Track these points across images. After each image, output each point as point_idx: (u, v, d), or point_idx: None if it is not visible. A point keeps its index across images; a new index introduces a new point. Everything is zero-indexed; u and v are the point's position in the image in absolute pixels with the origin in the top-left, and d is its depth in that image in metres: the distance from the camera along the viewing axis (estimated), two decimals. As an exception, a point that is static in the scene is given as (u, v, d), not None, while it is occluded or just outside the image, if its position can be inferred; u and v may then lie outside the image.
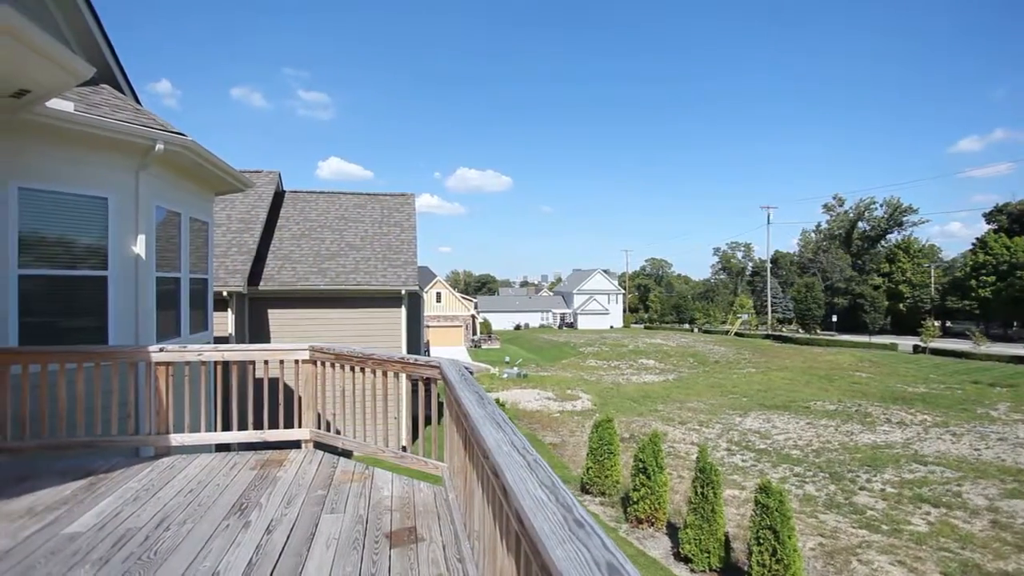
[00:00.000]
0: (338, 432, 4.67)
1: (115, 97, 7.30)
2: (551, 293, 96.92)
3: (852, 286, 66.83)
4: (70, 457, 4.44)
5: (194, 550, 2.98)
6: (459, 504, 3.18)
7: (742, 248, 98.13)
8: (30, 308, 5.50)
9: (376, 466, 4.33)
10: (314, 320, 14.13)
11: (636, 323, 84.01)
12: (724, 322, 68.99)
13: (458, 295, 56.54)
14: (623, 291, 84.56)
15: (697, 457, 9.55)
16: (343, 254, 15.36)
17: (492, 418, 2.21)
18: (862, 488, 12.85)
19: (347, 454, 4.82)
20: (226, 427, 4.75)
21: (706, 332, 63.19)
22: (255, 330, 13.48)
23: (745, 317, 66.50)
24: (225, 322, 12.60)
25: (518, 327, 76.92)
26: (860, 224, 76.42)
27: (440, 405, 4.57)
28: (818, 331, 58.32)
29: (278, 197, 17.00)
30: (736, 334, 58.04)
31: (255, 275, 13.65)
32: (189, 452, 4.69)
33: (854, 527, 10.73)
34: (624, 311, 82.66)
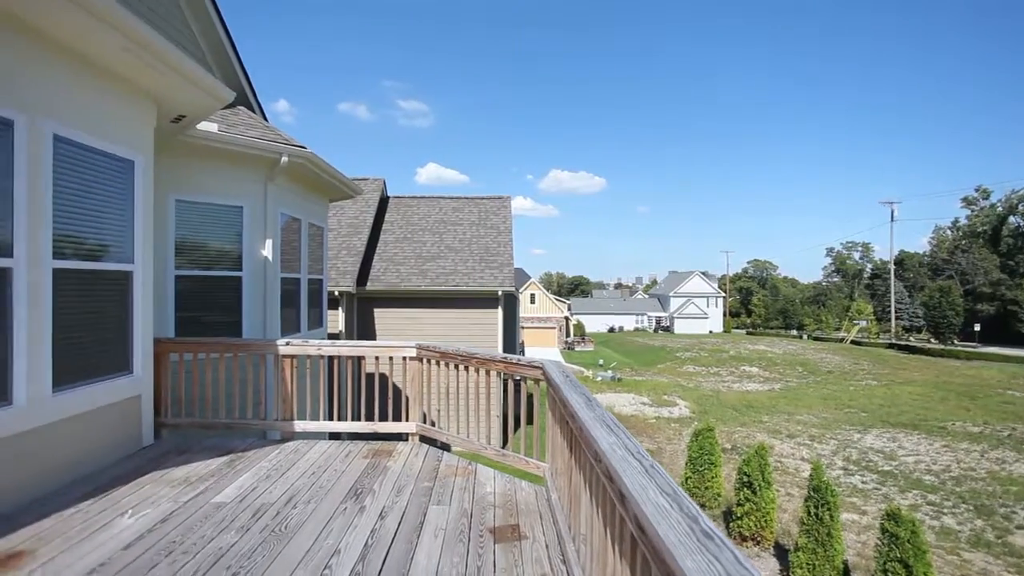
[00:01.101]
0: (438, 426, 4.86)
1: (249, 117, 8.14)
2: (646, 296, 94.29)
3: (1001, 291, 58.27)
4: (214, 436, 5.01)
5: (317, 528, 3.24)
6: (562, 505, 3.18)
7: (859, 248, 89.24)
8: (182, 304, 6.29)
9: (477, 462, 4.45)
10: (415, 319, 14.82)
11: (737, 328, 79.33)
12: (838, 329, 63.22)
13: (552, 297, 56.71)
14: (723, 294, 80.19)
15: (810, 474, 8.83)
16: (442, 256, 15.97)
17: (602, 420, 2.19)
18: (1020, 527, 11.15)
19: (446, 447, 5.00)
20: (337, 417, 5.10)
21: (817, 339, 58.25)
22: (362, 327, 14.41)
23: (863, 324, 60.41)
24: (336, 319, 13.59)
25: (611, 330, 75.63)
26: (1011, 219, 66.31)
27: (532, 406, 4.58)
28: (955, 341, 51.56)
29: (383, 202, 18.04)
30: (852, 342, 52.97)
31: (363, 276, 14.59)
32: (307, 438, 5.10)
33: (1010, 572, 9.33)
34: (724, 315, 78.39)
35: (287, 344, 4.85)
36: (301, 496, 3.70)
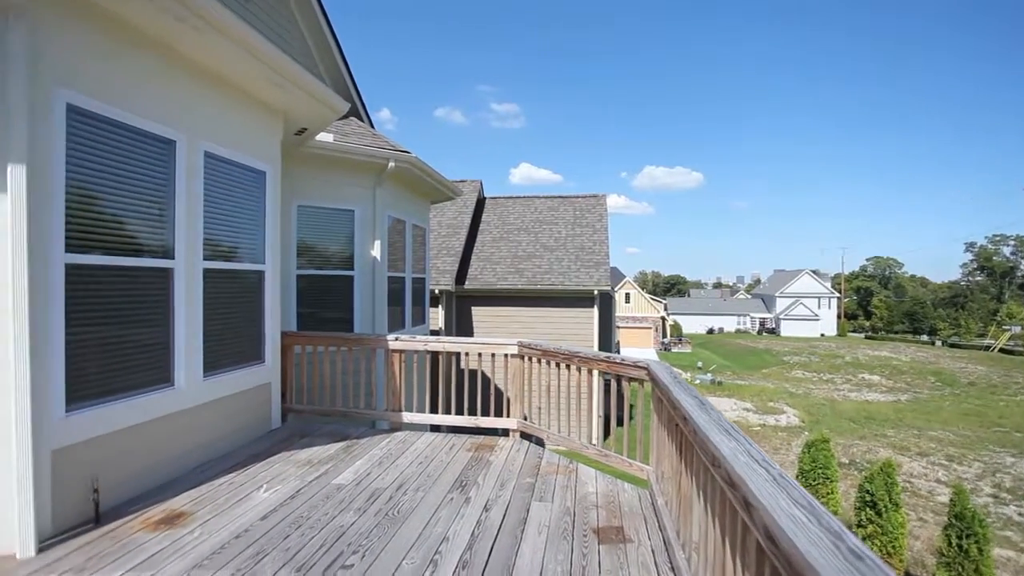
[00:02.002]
0: (538, 424, 4.90)
1: (359, 126, 8.71)
2: (748, 296, 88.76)
3: None
4: (331, 422, 5.43)
5: (427, 515, 3.40)
6: (670, 511, 3.09)
7: (1011, 242, 77.61)
8: (302, 301, 6.88)
9: (577, 460, 4.44)
10: (511, 317, 15.07)
11: (854, 331, 72.23)
12: (982, 335, 55.49)
13: (647, 296, 55.17)
14: (837, 294, 73.40)
15: (951, 499, 7.84)
16: (538, 255, 16.09)
17: (719, 424, 2.10)
18: None
19: (540, 442, 5.04)
20: (436, 410, 5.31)
21: (954, 346, 51.55)
22: (460, 325, 14.90)
23: (1016, 330, 52.52)
24: (436, 317, 14.16)
25: (711, 331, 72.06)
26: None
27: (631, 407, 4.47)
28: None
29: (480, 203, 18.51)
30: (1001, 351, 46.28)
31: (461, 275, 15.08)
32: (412, 429, 5.36)
33: None
34: (839, 317, 71.72)
35: (396, 339, 5.13)
36: (411, 484, 3.90)
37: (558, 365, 4.64)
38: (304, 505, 3.50)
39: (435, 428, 7.48)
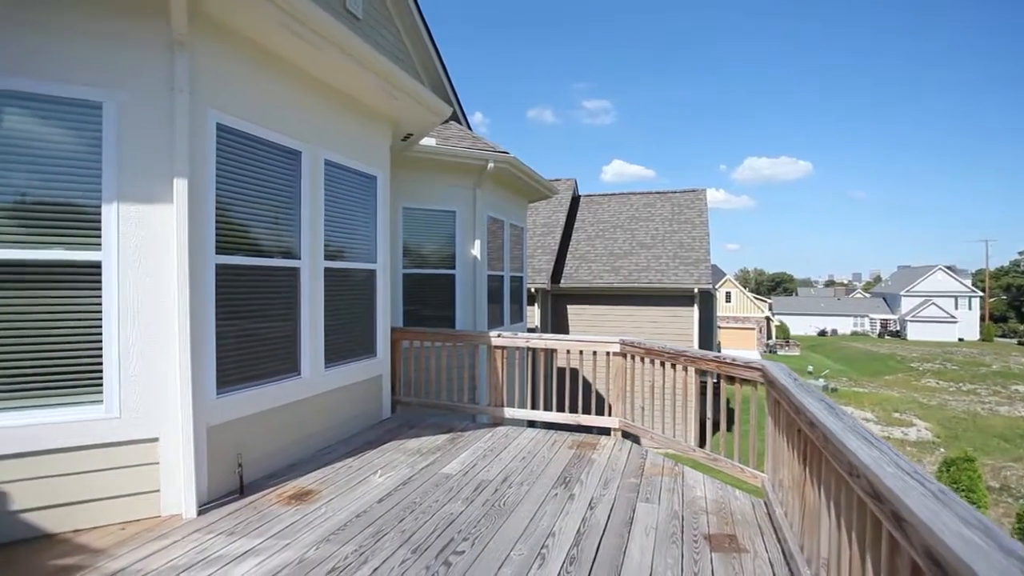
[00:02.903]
0: (640, 424, 4.79)
1: (459, 129, 8.99)
2: (867, 295, 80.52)
3: None
4: (436, 415, 5.67)
5: (532, 509, 3.44)
6: (790, 522, 2.89)
7: None
8: (407, 298, 7.24)
9: (682, 463, 4.28)
10: (607, 316, 14.86)
11: (1004, 336, 62.96)
12: None
13: (750, 295, 51.94)
14: (979, 293, 64.39)
15: None
16: (634, 253, 15.73)
17: (855, 431, 1.93)
18: None
19: (636, 440, 4.91)
20: (538, 406, 5.34)
21: None
22: (556, 323, 14.93)
23: None
24: (532, 315, 14.30)
25: (823, 333, 66.33)
26: None
27: (732, 411, 4.26)
28: None
29: (574, 202, 18.43)
30: None
31: (556, 274, 15.10)
32: (512, 424, 5.45)
33: None
34: (983, 319, 62.87)
35: (498, 336, 5.26)
36: (515, 477, 3.97)
37: (662, 364, 4.50)
38: (416, 491, 3.69)
39: (531, 424, 7.57)
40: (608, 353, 4.97)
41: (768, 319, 52.41)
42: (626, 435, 4.97)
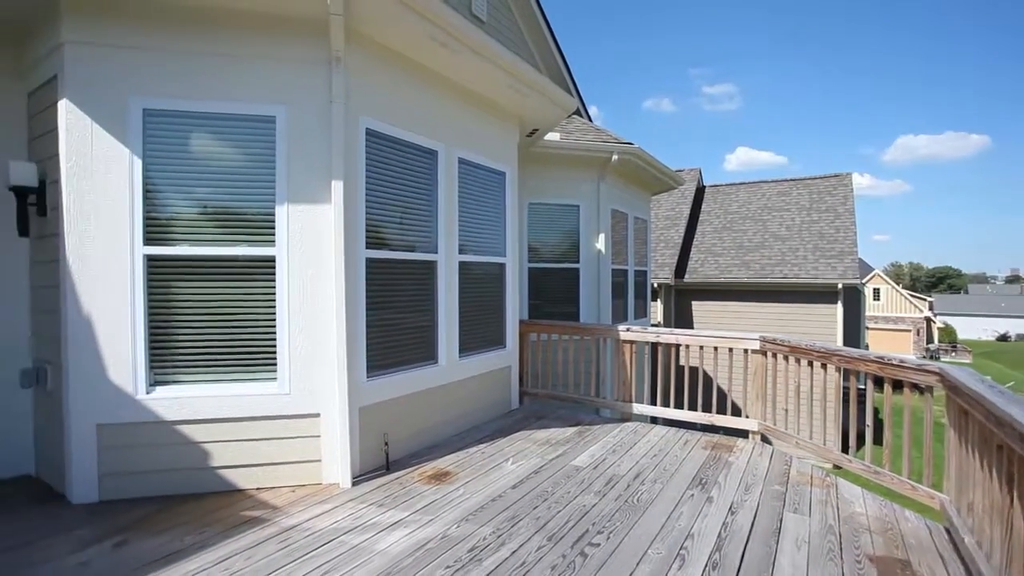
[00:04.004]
0: (784, 428, 4.41)
1: (582, 123, 8.93)
2: (1068, 293, 66.92)
3: None
4: (562, 407, 5.70)
5: (667, 508, 3.33)
6: (987, 555, 2.48)
7: None
8: (532, 292, 7.35)
9: (833, 474, 3.88)
10: (736, 313, 13.95)
11: None
12: None
13: (904, 292, 45.72)
14: None
15: None
16: (766, 245, 14.58)
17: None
18: None
19: (766, 441, 4.52)
20: (668, 403, 5.14)
21: None
22: (680, 320, 14.31)
23: None
24: (654, 311, 13.84)
25: (1004, 337, 56.43)
26: None
27: (879, 421, 3.73)
28: None
29: (699, 193, 17.51)
30: None
31: (680, 268, 14.47)
32: (639, 420, 5.30)
33: None
34: None
35: (627, 330, 5.15)
36: (647, 474, 3.87)
37: (810, 364, 4.11)
38: (547, 481, 3.74)
39: (653, 420, 7.32)
40: (746, 351, 4.64)
41: (928, 320, 45.70)
42: (766, 439, 4.62)
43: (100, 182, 3.32)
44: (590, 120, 11.04)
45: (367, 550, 2.79)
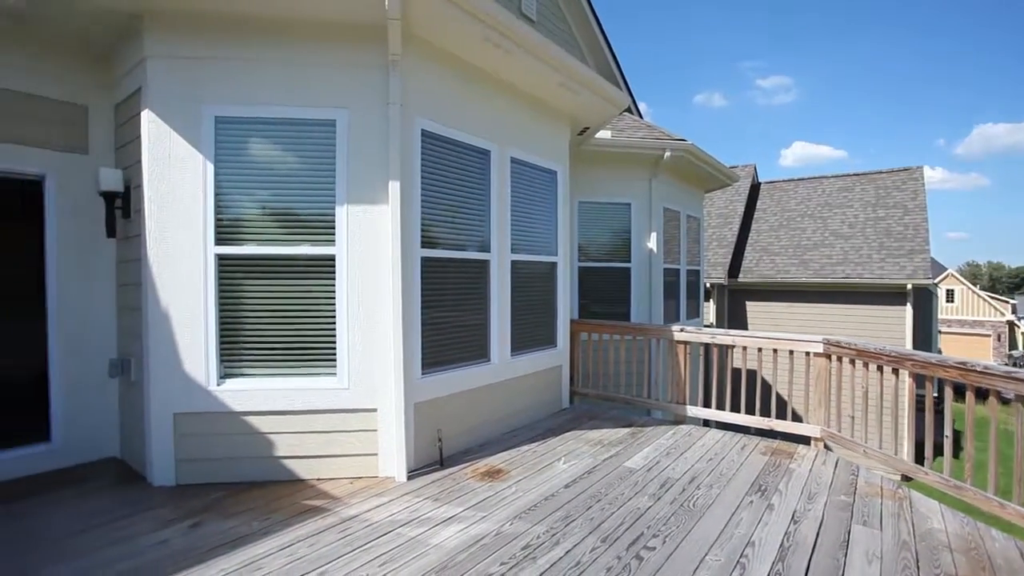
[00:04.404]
0: (851, 436, 4.19)
1: (633, 120, 8.79)
2: None
3: None
4: (613, 408, 5.64)
5: (725, 514, 3.23)
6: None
7: None
8: (581, 292, 7.30)
9: (906, 487, 3.66)
10: (793, 314, 13.39)
11: None
12: None
13: (983, 294, 42.56)
14: None
15: None
16: (826, 244, 13.92)
17: None
18: None
19: (827, 447, 4.29)
20: (723, 406, 4.98)
21: None
22: (733, 321, 13.87)
23: None
24: (707, 311, 13.47)
25: (1097, 345, 51.50)
26: None
27: (957, 433, 3.46)
28: None
29: (754, 189, 16.91)
30: None
31: (734, 267, 14.01)
32: (693, 423, 5.16)
33: None
34: None
35: (681, 330, 5.03)
36: (702, 479, 3.77)
37: (880, 369, 3.89)
38: (600, 482, 3.70)
39: (705, 423, 7.12)
40: (808, 353, 4.45)
41: (1012, 324, 42.32)
42: (828, 446, 4.41)
43: (177, 186, 3.54)
44: (640, 116, 10.86)
45: (423, 543, 2.85)
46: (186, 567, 2.62)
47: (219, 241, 3.58)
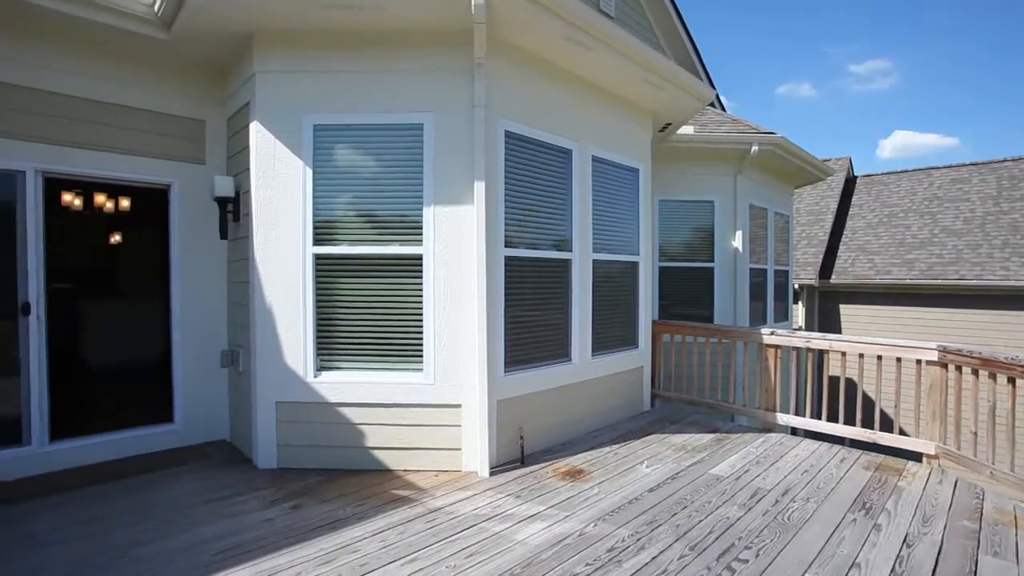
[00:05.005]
0: (974, 454, 3.79)
1: (717, 114, 8.44)
2: None
3: None
4: (696, 412, 5.44)
5: (824, 531, 3.02)
6: None
7: None
8: (662, 293, 7.10)
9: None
10: (894, 319, 12.31)
11: None
12: None
13: None
14: None
15: None
16: (935, 242, 12.68)
17: None
18: None
19: (924, 460, 3.87)
20: (819, 415, 4.66)
21: None
22: (824, 325, 12.96)
23: None
24: (796, 314, 12.69)
25: None
26: None
27: None
28: None
29: (848, 184, 15.71)
30: None
31: (826, 268, 13.10)
32: (782, 431, 4.86)
33: None
34: None
35: (771, 334, 4.77)
36: (797, 491, 3.55)
37: (1011, 381, 3.49)
38: (685, 488, 3.58)
39: (793, 432, 6.69)
40: (919, 362, 4.07)
41: None
42: (940, 465, 4.01)
43: (280, 191, 3.81)
44: (723, 110, 10.40)
45: (507, 538, 2.89)
46: (289, 544, 2.82)
47: (316, 241, 3.82)
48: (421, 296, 3.81)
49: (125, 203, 5.56)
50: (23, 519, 3.12)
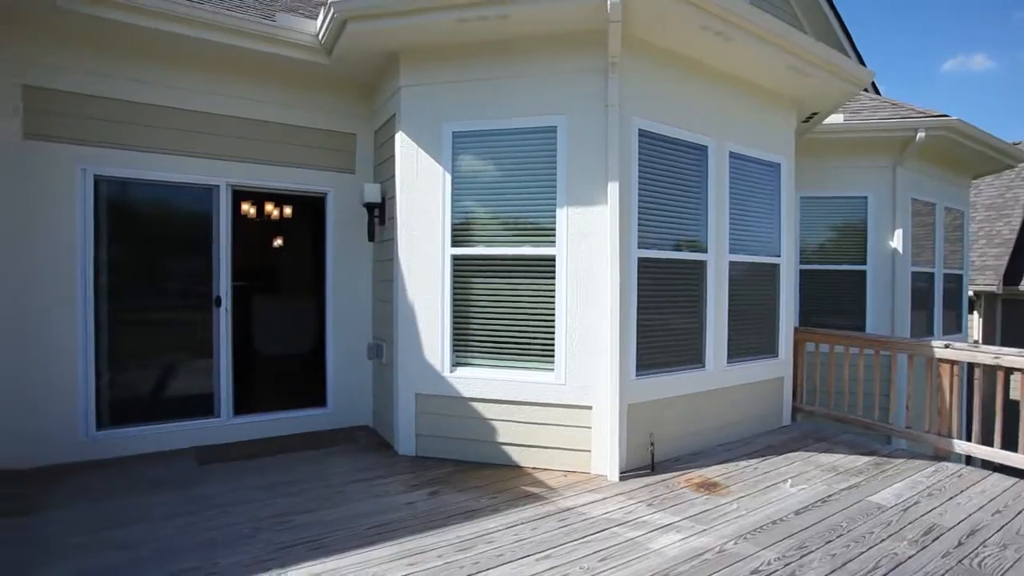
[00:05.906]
0: None
1: (870, 98, 7.54)
2: None
3: None
4: (846, 431, 4.89)
5: (1025, 582, 2.56)
6: None
7: None
8: (803, 297, 6.50)
9: None
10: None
11: None
12: None
13: None
14: None
15: None
16: None
17: None
18: None
19: None
20: (1007, 446, 3.95)
21: None
22: (1008, 338, 11.03)
23: None
24: (971, 325, 10.95)
25: None
26: None
27: None
28: None
29: (1043, 172, 13.21)
30: None
31: (1011, 272, 11.14)
32: (954, 460, 4.20)
33: None
34: None
35: (946, 347, 4.15)
36: (989, 535, 3.04)
37: None
38: (840, 514, 3.24)
39: (968, 461, 5.74)
40: None
41: None
42: None
43: (422, 195, 4.07)
44: (877, 92, 9.26)
45: (641, 546, 2.82)
46: (429, 528, 2.99)
47: (454, 243, 4.02)
48: (553, 296, 3.86)
49: (288, 211, 6.30)
50: (205, 480, 3.65)
